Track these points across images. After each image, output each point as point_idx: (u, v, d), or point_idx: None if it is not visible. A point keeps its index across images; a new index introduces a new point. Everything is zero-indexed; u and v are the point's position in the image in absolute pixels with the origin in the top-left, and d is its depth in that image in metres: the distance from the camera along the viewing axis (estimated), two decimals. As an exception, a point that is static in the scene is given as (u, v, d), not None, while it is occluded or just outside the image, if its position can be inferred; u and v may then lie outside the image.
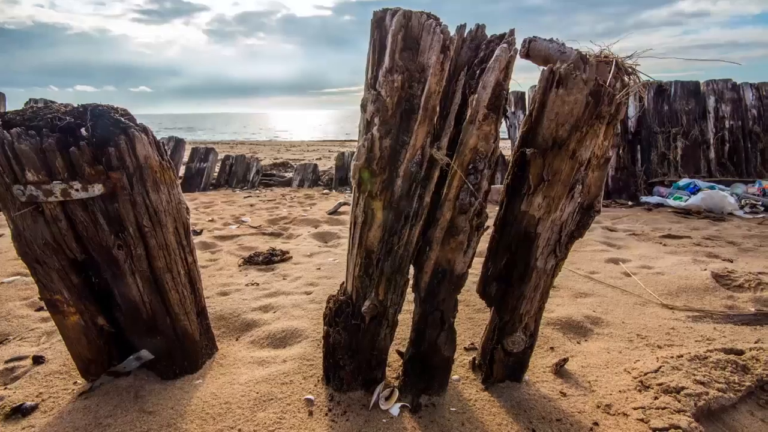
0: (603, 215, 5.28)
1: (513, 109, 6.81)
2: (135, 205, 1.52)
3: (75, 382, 1.99)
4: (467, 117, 1.15)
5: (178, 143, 8.56)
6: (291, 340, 2.33)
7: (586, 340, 2.29)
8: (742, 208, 5.32)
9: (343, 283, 1.76)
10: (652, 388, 1.74)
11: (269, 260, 3.62)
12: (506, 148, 8.29)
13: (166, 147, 6.51)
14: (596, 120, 1.20)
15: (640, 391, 1.76)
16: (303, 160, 15.00)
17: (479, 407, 1.74)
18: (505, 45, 1.11)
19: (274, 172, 10.69)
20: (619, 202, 5.98)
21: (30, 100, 7.12)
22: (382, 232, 1.36)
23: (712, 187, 5.67)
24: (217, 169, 9.44)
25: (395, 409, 1.70)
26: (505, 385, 1.86)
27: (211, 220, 5.60)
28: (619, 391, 1.77)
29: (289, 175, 10.57)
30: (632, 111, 6.30)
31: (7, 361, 2.18)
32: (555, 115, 1.22)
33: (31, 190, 1.35)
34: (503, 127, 7.99)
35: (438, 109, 1.15)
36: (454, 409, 1.73)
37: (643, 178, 6.17)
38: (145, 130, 1.51)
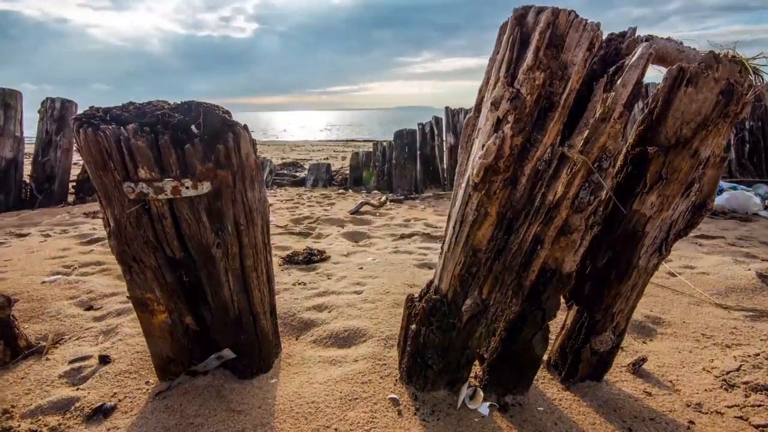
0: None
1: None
2: (235, 203, 1.51)
3: (147, 382, 1.97)
4: (598, 114, 1.15)
5: (193, 142, 8.52)
6: (355, 339, 2.32)
7: (651, 340, 2.29)
8: (766, 208, 5.35)
9: (431, 282, 1.75)
10: (739, 387, 1.74)
11: (309, 260, 3.60)
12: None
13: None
14: (722, 119, 1.20)
15: (726, 389, 1.76)
16: (311, 160, 14.97)
17: (566, 406, 1.74)
18: (646, 43, 1.11)
19: (285, 171, 10.67)
20: (642, 203, 6.00)
21: (47, 99, 7.06)
22: (493, 230, 1.36)
23: (734, 188, 5.70)
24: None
25: (484, 409, 1.69)
26: (587, 385, 1.85)
27: (235, 220, 5.57)
28: (705, 390, 1.77)
29: (300, 174, 10.55)
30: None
31: (70, 361, 2.15)
32: (681, 113, 1.22)
33: (142, 187, 1.33)
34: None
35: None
36: (541, 408, 1.72)
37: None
38: (246, 127, 1.50)
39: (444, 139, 7.78)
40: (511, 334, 1.63)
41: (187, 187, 1.36)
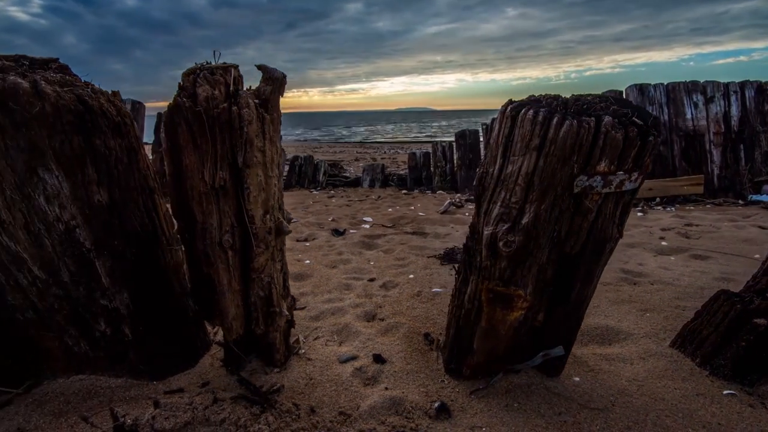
0: (732, 213, 5.36)
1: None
2: (626, 194, 1.49)
3: (442, 381, 1.94)
4: None
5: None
6: (612, 336, 2.31)
7: None
8: None
9: (757, 283, 1.75)
10: None
11: (469, 258, 3.58)
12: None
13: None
14: None
15: None
16: (342, 161, 14.94)
17: None
18: None
19: (336, 171, 10.61)
20: (730, 201, 6.08)
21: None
22: None
23: None
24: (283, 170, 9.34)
25: (835, 402, 1.70)
26: None
27: (333, 220, 5.53)
28: None
29: (348, 175, 10.52)
30: (735, 110, 6.41)
31: (342, 362, 2.11)
32: None
33: (593, 181, 1.31)
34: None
35: None
36: None
37: (748, 176, 6.28)
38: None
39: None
40: None
41: (631, 181, 1.34)
